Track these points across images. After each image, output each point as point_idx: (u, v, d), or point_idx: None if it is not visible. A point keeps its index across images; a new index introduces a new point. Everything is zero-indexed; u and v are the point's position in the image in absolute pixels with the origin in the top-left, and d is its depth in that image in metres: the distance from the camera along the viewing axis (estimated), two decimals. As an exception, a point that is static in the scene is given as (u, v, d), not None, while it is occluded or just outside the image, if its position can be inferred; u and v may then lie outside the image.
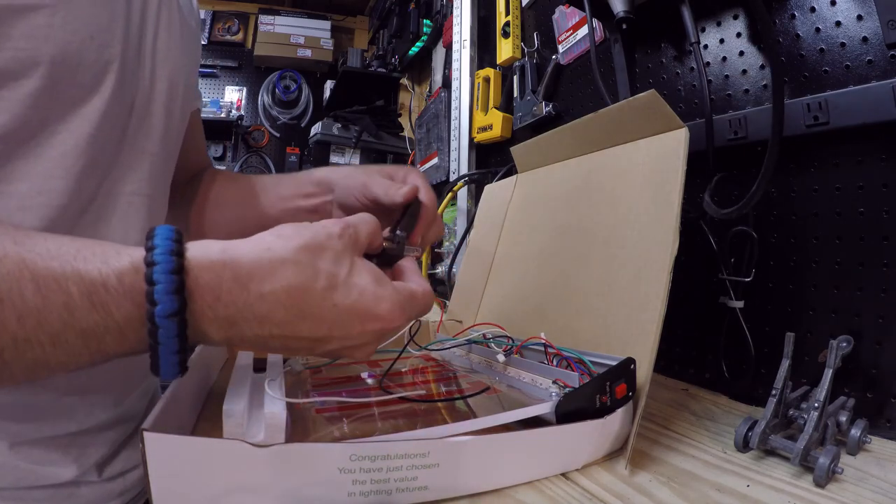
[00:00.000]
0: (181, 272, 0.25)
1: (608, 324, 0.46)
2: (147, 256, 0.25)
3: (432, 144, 1.50)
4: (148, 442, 0.25)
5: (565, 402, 0.36)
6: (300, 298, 0.27)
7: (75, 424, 0.40)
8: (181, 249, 0.25)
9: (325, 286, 0.27)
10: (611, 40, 0.74)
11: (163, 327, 0.24)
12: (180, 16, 0.48)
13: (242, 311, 0.26)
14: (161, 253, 0.25)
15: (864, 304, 0.45)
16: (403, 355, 0.56)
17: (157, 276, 0.24)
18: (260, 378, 0.43)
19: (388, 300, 0.29)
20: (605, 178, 0.54)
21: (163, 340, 0.25)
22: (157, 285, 0.24)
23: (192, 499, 0.26)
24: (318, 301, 0.27)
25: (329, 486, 0.28)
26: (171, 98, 0.45)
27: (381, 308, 0.29)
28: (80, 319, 0.24)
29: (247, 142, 2.90)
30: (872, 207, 0.45)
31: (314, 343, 0.29)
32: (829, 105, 0.46)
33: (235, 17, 2.94)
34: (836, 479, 0.35)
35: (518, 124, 1.05)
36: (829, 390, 0.37)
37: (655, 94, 0.45)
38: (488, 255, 0.70)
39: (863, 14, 0.46)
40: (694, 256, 0.57)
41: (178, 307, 0.24)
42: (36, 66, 0.32)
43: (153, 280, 0.24)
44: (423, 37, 1.78)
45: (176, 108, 0.47)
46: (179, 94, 0.47)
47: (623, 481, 0.35)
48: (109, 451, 0.45)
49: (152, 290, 0.24)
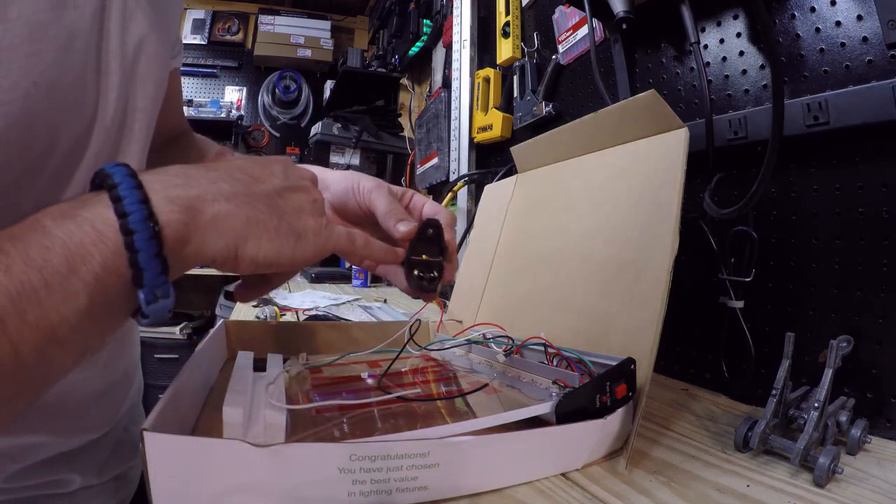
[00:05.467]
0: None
1: (608, 324, 0.46)
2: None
3: (432, 144, 1.50)
4: (148, 442, 0.25)
5: (565, 402, 0.36)
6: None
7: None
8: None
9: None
10: (611, 40, 0.74)
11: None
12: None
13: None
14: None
15: (864, 304, 0.45)
16: (403, 355, 0.56)
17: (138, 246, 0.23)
18: (260, 377, 0.43)
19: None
20: (605, 178, 0.54)
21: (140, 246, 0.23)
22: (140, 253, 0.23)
23: (192, 499, 0.26)
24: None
25: (329, 485, 0.28)
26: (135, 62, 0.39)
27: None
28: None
29: (247, 142, 2.91)
30: (872, 207, 0.45)
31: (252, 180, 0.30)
32: (829, 105, 0.46)
33: (235, 17, 2.95)
34: (836, 479, 0.35)
35: (518, 124, 1.05)
36: (829, 390, 0.37)
37: (655, 94, 0.45)
38: (488, 255, 0.70)
39: (863, 14, 0.46)
40: (694, 256, 0.57)
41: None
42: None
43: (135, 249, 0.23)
44: (423, 37, 1.78)
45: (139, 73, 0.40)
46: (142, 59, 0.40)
47: (623, 481, 0.35)
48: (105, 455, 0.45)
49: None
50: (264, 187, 0.30)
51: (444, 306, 0.76)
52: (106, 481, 0.48)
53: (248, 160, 0.32)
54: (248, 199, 0.28)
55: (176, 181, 0.26)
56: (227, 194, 0.27)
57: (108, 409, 0.47)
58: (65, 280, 0.21)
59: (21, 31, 0.28)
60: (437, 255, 0.40)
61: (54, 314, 0.21)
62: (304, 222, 0.31)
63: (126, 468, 0.51)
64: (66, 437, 0.41)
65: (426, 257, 0.40)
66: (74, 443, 0.42)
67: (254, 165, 0.31)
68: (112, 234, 0.23)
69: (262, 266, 0.28)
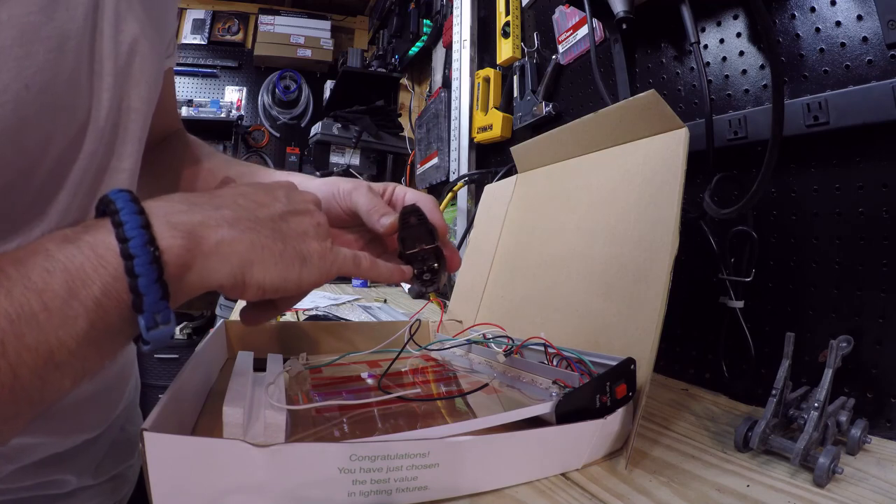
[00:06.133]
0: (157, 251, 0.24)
1: (608, 324, 0.46)
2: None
3: (432, 144, 1.50)
4: (148, 442, 0.25)
5: (565, 402, 0.36)
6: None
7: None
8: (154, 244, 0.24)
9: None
10: (611, 40, 0.74)
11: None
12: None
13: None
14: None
15: (864, 304, 0.45)
16: (403, 355, 0.56)
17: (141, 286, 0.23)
18: (260, 378, 0.43)
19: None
20: (605, 178, 0.54)
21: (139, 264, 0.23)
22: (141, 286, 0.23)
23: (192, 499, 0.26)
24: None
25: (329, 486, 0.28)
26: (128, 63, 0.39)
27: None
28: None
29: (247, 142, 2.91)
30: (872, 207, 0.45)
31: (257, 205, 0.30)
32: (829, 105, 0.46)
33: (235, 17, 2.95)
34: (836, 479, 0.35)
35: (518, 124, 1.05)
36: (829, 390, 0.37)
37: (655, 94, 0.45)
38: (488, 255, 0.70)
39: (863, 14, 0.46)
40: (694, 256, 0.57)
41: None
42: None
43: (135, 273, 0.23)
44: (423, 37, 1.78)
45: (134, 72, 0.39)
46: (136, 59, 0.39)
47: (623, 481, 0.35)
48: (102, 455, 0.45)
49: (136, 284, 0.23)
50: (268, 212, 0.30)
51: (444, 306, 0.76)
52: (102, 481, 0.48)
53: (251, 186, 0.33)
54: (253, 224, 0.28)
55: (179, 207, 0.26)
56: (231, 220, 0.27)
57: (104, 409, 0.47)
58: (64, 304, 0.21)
59: (11, 34, 0.28)
60: (430, 241, 0.40)
61: (53, 338, 0.21)
62: (308, 246, 0.31)
63: (123, 468, 0.51)
64: (62, 437, 0.41)
65: (421, 247, 0.39)
66: (70, 443, 0.42)
67: (257, 191, 0.32)
68: (112, 259, 0.23)
69: (270, 292, 0.28)
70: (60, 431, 0.41)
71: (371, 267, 0.36)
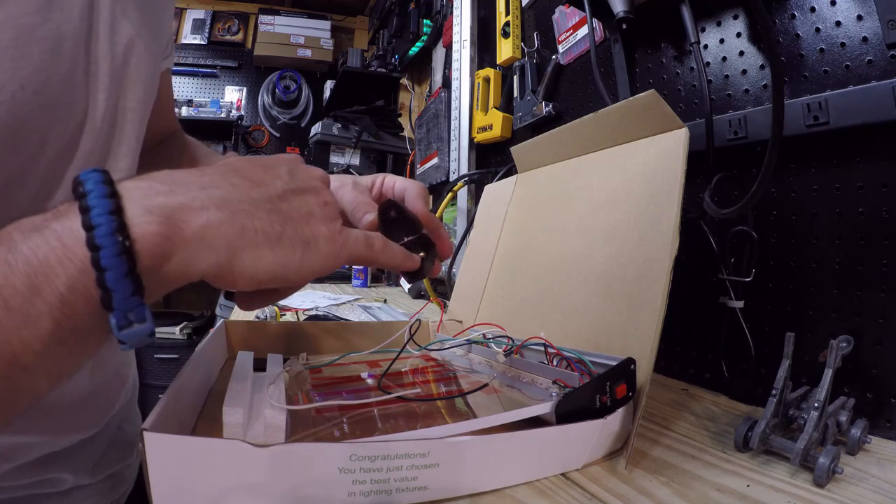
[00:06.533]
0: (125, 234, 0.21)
1: (608, 324, 0.46)
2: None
3: (432, 144, 1.50)
4: (148, 442, 0.25)
5: (565, 402, 0.36)
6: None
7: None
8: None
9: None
10: (611, 40, 0.74)
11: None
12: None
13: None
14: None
15: (864, 304, 0.45)
16: (403, 355, 0.56)
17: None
18: (260, 378, 0.43)
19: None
20: (605, 179, 0.54)
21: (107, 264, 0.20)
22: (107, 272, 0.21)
23: (192, 499, 0.26)
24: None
25: (329, 486, 0.28)
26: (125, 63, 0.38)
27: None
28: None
29: (247, 142, 2.91)
30: (872, 207, 0.45)
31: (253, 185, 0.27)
32: (829, 105, 0.46)
33: (235, 17, 2.95)
34: (836, 479, 0.35)
35: (518, 124, 1.05)
36: (829, 390, 0.37)
37: (655, 94, 0.45)
38: (488, 255, 0.70)
39: (863, 14, 0.46)
40: (694, 256, 0.57)
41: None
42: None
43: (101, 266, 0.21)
44: (423, 37, 1.78)
45: (130, 73, 0.39)
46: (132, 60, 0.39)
47: (623, 481, 0.35)
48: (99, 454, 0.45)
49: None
50: (266, 191, 0.27)
51: (444, 306, 0.76)
52: (100, 480, 0.48)
53: (249, 161, 0.29)
54: (245, 206, 0.25)
55: (159, 188, 0.23)
56: (219, 201, 0.24)
57: (101, 407, 0.47)
58: (26, 301, 0.19)
59: (7, 35, 0.28)
60: (413, 232, 0.37)
61: (15, 339, 0.19)
62: (313, 228, 0.28)
63: (120, 467, 0.51)
64: (58, 436, 0.41)
65: (404, 239, 0.37)
66: (66, 442, 0.42)
67: (255, 167, 0.28)
68: (79, 250, 0.20)
69: (265, 281, 0.25)
70: (57, 430, 0.41)
71: (384, 248, 0.32)
